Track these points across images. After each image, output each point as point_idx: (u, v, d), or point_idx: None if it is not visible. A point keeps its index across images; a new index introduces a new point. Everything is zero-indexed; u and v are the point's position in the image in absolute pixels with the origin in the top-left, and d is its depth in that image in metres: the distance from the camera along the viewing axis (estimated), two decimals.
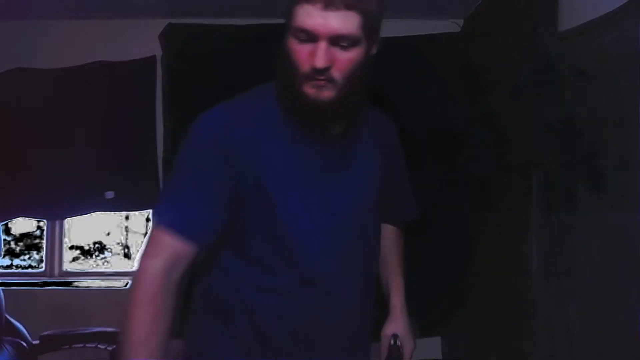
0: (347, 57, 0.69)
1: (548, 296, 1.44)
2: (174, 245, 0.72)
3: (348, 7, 0.66)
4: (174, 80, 2.26)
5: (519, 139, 1.65)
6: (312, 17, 0.66)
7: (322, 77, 0.69)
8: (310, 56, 0.68)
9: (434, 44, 2.20)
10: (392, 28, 2.26)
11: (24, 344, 1.55)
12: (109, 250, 2.52)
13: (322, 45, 0.67)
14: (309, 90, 0.70)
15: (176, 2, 2.13)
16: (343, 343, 0.82)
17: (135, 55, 2.25)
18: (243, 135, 0.75)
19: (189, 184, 0.74)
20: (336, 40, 0.68)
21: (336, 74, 0.70)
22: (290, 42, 0.71)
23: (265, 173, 0.74)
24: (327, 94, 0.70)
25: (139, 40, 2.25)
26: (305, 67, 0.70)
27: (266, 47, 2.21)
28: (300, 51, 0.70)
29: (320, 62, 0.67)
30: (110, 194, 2.21)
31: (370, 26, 0.70)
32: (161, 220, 0.74)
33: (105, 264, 2.51)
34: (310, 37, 0.68)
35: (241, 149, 0.74)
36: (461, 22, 2.20)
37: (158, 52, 2.26)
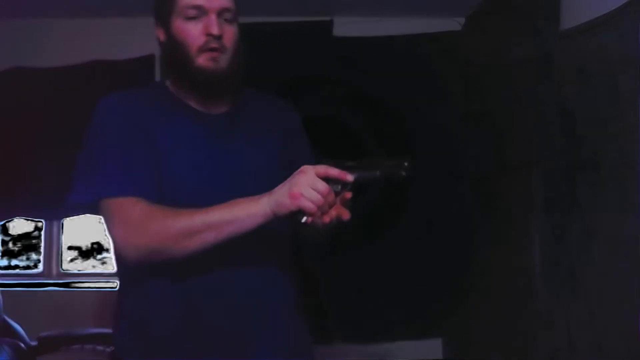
0: (231, 30, 0.81)
1: (548, 296, 1.44)
2: (136, 204, 0.77)
3: None
4: None
5: (519, 138, 1.65)
6: None
7: (216, 46, 0.78)
8: (203, 29, 0.78)
9: (435, 43, 2.20)
10: (393, 26, 2.27)
11: (22, 345, 1.54)
12: (107, 250, 2.51)
13: (213, 16, 0.78)
14: (205, 62, 0.79)
15: None
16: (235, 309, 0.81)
17: (133, 54, 2.24)
18: (139, 111, 0.82)
19: (111, 152, 0.80)
20: (222, 13, 0.79)
21: (227, 43, 0.80)
22: (176, 23, 0.80)
23: (157, 146, 0.80)
24: (222, 63, 0.79)
25: (138, 39, 2.24)
26: (198, 40, 0.79)
27: (264, 45, 2.23)
28: (190, 29, 0.79)
29: (215, 29, 0.78)
30: None
31: (237, 7, 0.82)
32: (104, 193, 0.79)
33: (104, 264, 2.50)
34: (201, 11, 0.78)
35: (138, 123, 0.81)
36: (462, 20, 2.20)
37: (156, 51, 2.25)
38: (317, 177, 0.70)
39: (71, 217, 2.28)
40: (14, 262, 2.49)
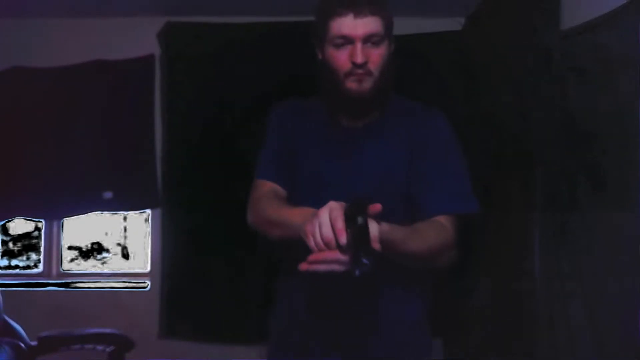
0: (377, 52, 0.89)
1: (549, 296, 1.43)
2: (264, 186, 0.98)
3: (372, 13, 0.87)
4: (173, 79, 2.25)
5: (520, 138, 1.65)
6: (347, 25, 0.86)
7: (361, 71, 0.87)
8: (349, 56, 0.87)
9: (435, 42, 2.20)
10: (394, 26, 2.26)
11: (22, 345, 1.54)
12: (107, 250, 2.51)
13: (359, 45, 0.86)
14: (351, 84, 0.89)
15: (175, 0, 2.12)
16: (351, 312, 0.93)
17: (133, 54, 2.24)
18: (294, 121, 1.00)
19: (265, 148, 1.01)
20: (368, 39, 0.87)
21: (372, 66, 0.88)
22: (328, 51, 0.90)
23: (299, 152, 0.96)
24: (366, 85, 0.89)
25: (138, 38, 2.24)
26: (345, 66, 0.88)
27: (264, 45, 2.23)
28: (339, 55, 0.88)
29: (359, 57, 0.86)
30: (108, 194, 2.20)
31: (388, 27, 0.90)
32: (255, 175, 1.01)
33: (104, 264, 2.51)
34: (347, 40, 0.87)
35: (290, 131, 0.99)
36: (463, 20, 2.20)
37: (157, 51, 2.26)
38: (328, 220, 0.69)
39: (71, 218, 2.29)
40: (14, 262, 2.49)
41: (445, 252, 0.90)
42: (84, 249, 2.51)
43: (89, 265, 2.51)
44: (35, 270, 2.41)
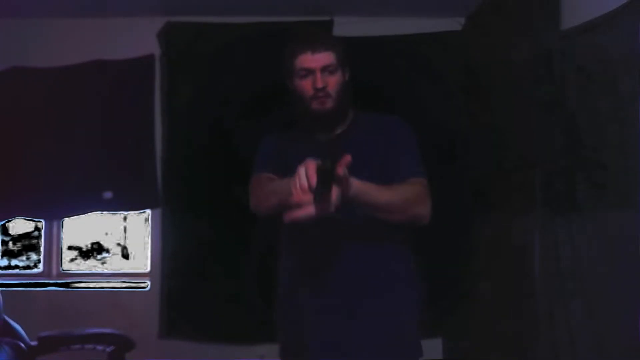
0: (333, 79, 1.11)
1: (549, 296, 1.43)
2: (260, 176, 1.16)
3: (326, 49, 1.11)
4: (173, 79, 2.25)
5: (520, 138, 1.65)
6: (307, 60, 1.10)
7: (322, 94, 1.10)
8: (312, 84, 1.10)
9: (436, 42, 2.19)
10: (393, 26, 2.27)
11: (22, 345, 1.54)
12: (107, 250, 2.51)
13: (318, 74, 1.10)
14: (316, 106, 1.11)
15: (175, 0, 2.12)
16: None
17: (133, 54, 2.24)
18: (280, 143, 1.21)
19: (260, 155, 1.21)
20: (324, 69, 1.10)
21: (330, 89, 1.11)
22: (295, 81, 1.12)
23: (286, 162, 1.11)
24: (328, 105, 1.11)
25: (138, 38, 2.24)
26: (310, 92, 1.11)
27: (264, 45, 2.23)
28: (304, 84, 1.11)
29: (319, 83, 1.09)
30: (108, 194, 2.20)
31: (340, 58, 1.12)
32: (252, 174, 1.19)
33: (104, 264, 2.50)
34: (309, 72, 1.10)
35: (278, 149, 1.20)
36: (463, 20, 2.20)
37: (156, 51, 2.25)
38: (304, 172, 0.87)
39: (71, 218, 2.29)
40: (14, 262, 2.49)
41: (419, 203, 1.07)
42: (84, 249, 2.51)
43: (89, 265, 2.51)
44: (35, 270, 2.41)
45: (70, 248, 2.47)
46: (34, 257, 2.47)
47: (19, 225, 2.49)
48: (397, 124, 1.17)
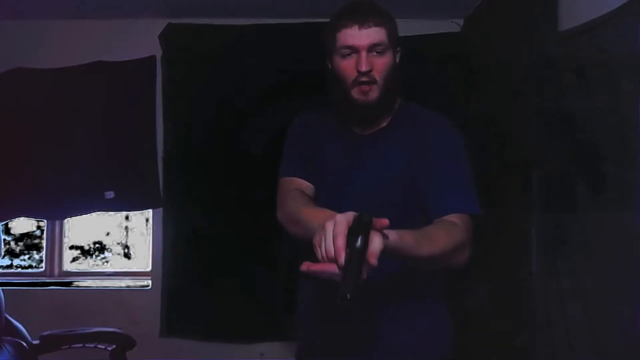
0: (381, 61, 0.93)
1: (548, 296, 1.43)
2: (290, 183, 1.03)
3: (376, 24, 0.92)
4: (174, 80, 2.26)
5: (519, 138, 1.65)
6: (352, 36, 0.91)
7: (366, 79, 0.92)
8: (355, 65, 0.92)
9: (434, 44, 2.20)
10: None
11: (24, 344, 1.54)
12: (109, 250, 2.52)
13: (363, 54, 0.91)
14: (357, 95, 0.94)
15: (176, 2, 2.13)
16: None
17: (135, 55, 2.25)
18: (311, 129, 1.07)
19: (287, 151, 1.08)
20: (372, 48, 0.92)
21: (376, 74, 0.93)
22: (336, 61, 0.95)
23: (317, 157, 1.03)
24: (372, 95, 0.93)
25: (139, 40, 2.25)
26: (352, 74, 0.93)
27: (265, 46, 2.24)
28: (346, 64, 0.93)
29: (363, 66, 0.91)
30: (110, 194, 2.21)
31: (393, 37, 0.94)
32: (280, 174, 1.07)
33: (105, 264, 2.51)
34: (353, 50, 0.92)
35: (310, 139, 1.05)
36: (461, 22, 2.20)
37: (158, 52, 2.26)
38: (331, 235, 0.69)
39: (73, 217, 2.30)
40: (16, 261, 2.50)
41: (460, 250, 0.89)
42: (85, 249, 2.52)
43: (91, 265, 2.52)
44: (37, 270, 2.42)
45: (72, 247, 2.48)
46: (36, 256, 2.48)
47: (22, 225, 2.51)
48: (446, 128, 0.97)
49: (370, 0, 0.96)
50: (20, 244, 2.52)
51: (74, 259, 2.49)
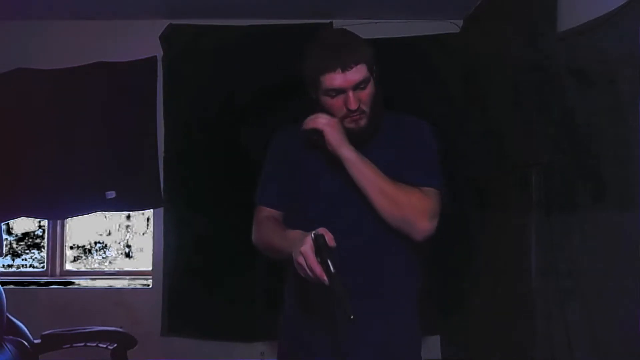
0: (366, 93, 1.00)
1: (548, 296, 1.44)
2: (263, 211, 1.11)
3: (357, 62, 0.97)
4: (175, 81, 2.26)
5: (519, 139, 1.65)
6: (337, 79, 0.97)
7: (356, 115, 1.00)
8: (343, 104, 0.99)
9: (434, 45, 2.20)
10: (392, 29, 2.27)
11: (26, 343, 1.55)
12: (110, 249, 2.53)
13: (350, 93, 0.98)
14: (349, 124, 1.01)
15: (177, 3, 2.14)
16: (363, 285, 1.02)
17: (136, 56, 2.26)
18: (291, 149, 1.11)
19: (265, 175, 1.14)
20: (357, 86, 0.98)
21: (364, 106, 1.00)
22: (323, 99, 1.01)
23: (299, 175, 1.07)
24: (362, 123, 1.01)
25: (140, 41, 2.26)
26: (341, 112, 1.00)
27: (266, 47, 2.24)
28: (334, 103, 1.00)
29: (352, 105, 0.98)
30: (111, 194, 2.22)
31: (371, 65, 1.01)
32: (256, 201, 1.14)
33: (107, 263, 2.52)
34: (339, 91, 0.98)
35: (291, 155, 1.10)
36: (460, 22, 2.21)
37: (159, 53, 2.27)
38: (306, 261, 0.85)
39: (74, 217, 2.30)
40: (17, 261, 2.51)
41: (420, 212, 0.99)
42: (87, 248, 2.53)
43: (92, 264, 2.53)
44: (38, 269, 2.43)
45: (73, 247, 2.49)
46: (37, 256, 2.49)
47: (23, 225, 2.52)
48: (421, 128, 1.09)
49: (344, 33, 1.04)
50: (22, 243, 2.53)
51: (75, 259, 2.49)
